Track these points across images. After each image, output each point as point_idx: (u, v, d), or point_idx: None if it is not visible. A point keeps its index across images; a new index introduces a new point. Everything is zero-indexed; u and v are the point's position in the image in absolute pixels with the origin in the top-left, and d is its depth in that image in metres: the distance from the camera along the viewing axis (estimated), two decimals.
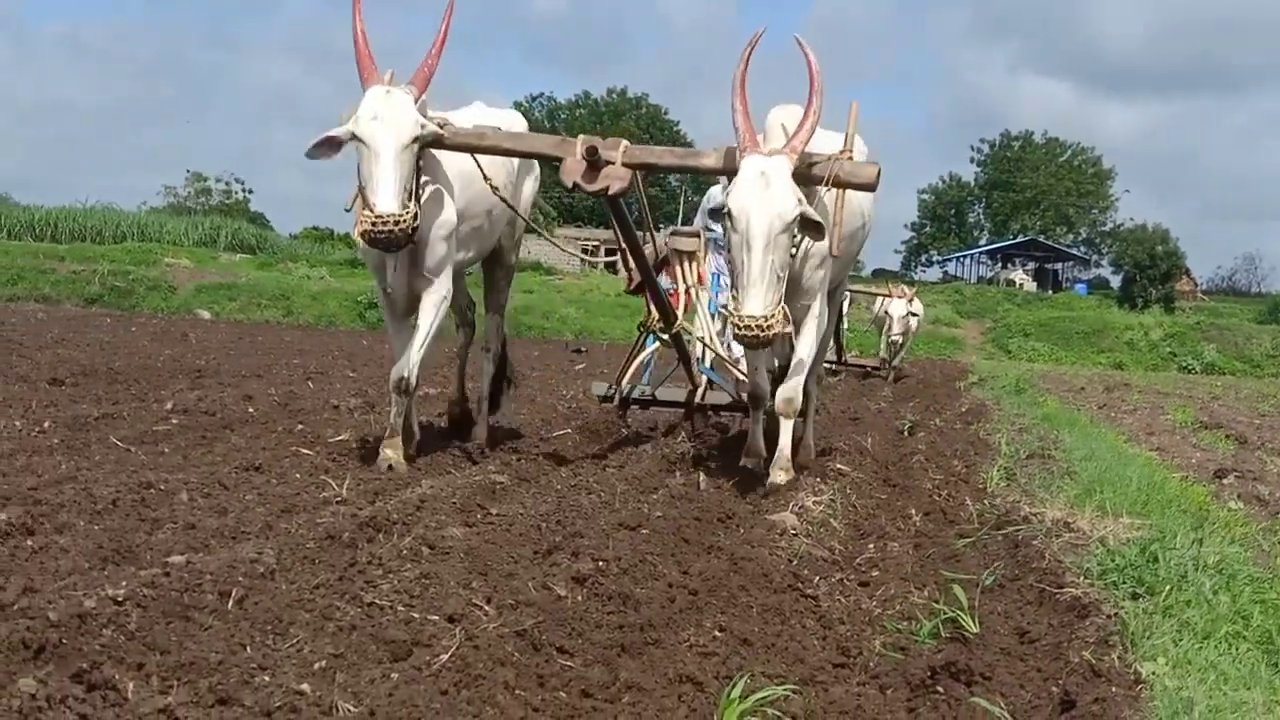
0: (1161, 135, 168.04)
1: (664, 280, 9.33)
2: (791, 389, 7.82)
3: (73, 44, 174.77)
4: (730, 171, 7.25)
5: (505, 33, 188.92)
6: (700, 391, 9.82)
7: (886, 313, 22.52)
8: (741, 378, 9.33)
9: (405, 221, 6.83)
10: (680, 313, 9.15)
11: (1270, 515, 7.85)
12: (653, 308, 9.20)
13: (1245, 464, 10.96)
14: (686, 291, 9.32)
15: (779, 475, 7.63)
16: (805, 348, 7.91)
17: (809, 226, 7.03)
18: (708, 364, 10.03)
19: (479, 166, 7.64)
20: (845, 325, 24.66)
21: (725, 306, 7.08)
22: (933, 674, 3.99)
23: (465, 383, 9.19)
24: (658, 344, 9.97)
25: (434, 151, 7.38)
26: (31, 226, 47.72)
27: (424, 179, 7.26)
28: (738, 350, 9.36)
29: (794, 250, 7.14)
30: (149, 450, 7.33)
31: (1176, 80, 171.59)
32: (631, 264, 8.79)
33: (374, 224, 6.77)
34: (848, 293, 22.74)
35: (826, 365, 21.57)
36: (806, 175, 7.21)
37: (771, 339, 6.95)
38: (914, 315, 22.72)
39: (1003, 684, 3.96)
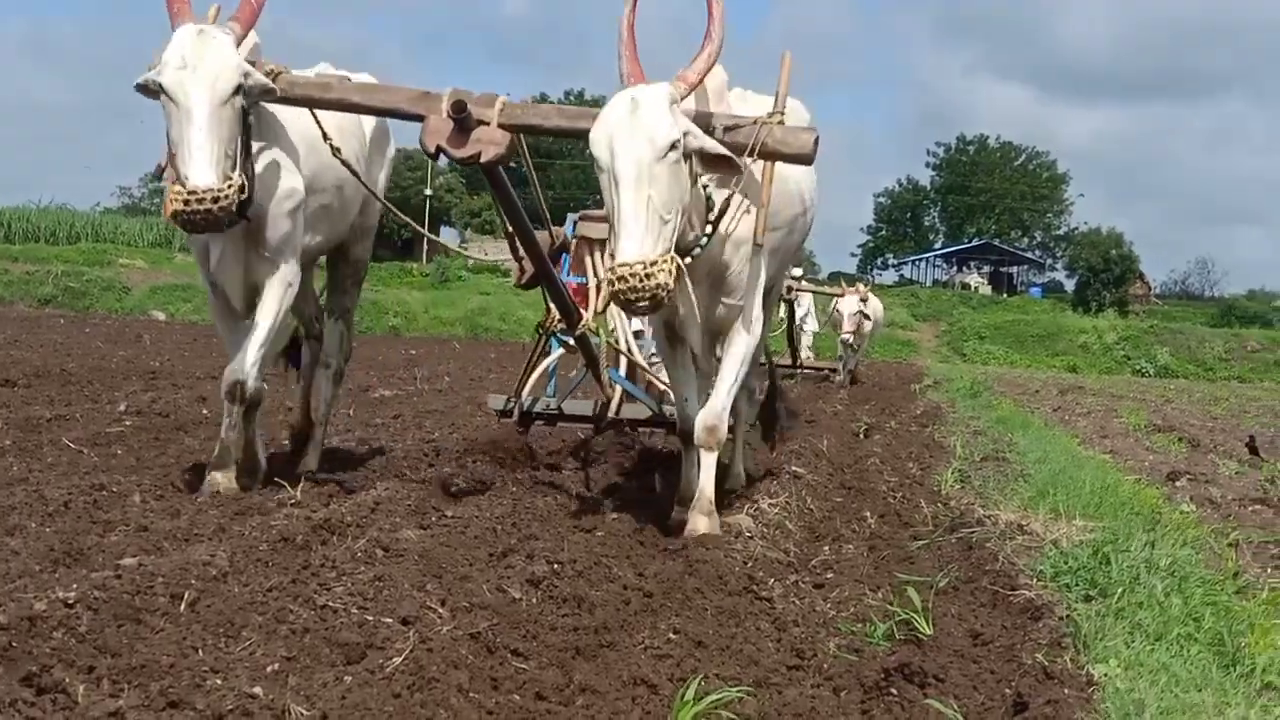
0: (1116, 141, 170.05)
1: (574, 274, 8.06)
2: (714, 415, 6.12)
3: (36, 42, 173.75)
4: None
5: (470, 33, 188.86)
6: (614, 404, 8.15)
7: (837, 311, 21.81)
8: (661, 385, 7.97)
9: (227, 197, 5.49)
10: (591, 312, 7.44)
11: (1222, 518, 7.92)
12: (551, 305, 7.78)
13: (1197, 467, 11.07)
14: (598, 287, 7.28)
15: (699, 521, 6.00)
16: (733, 361, 6.23)
17: (714, 162, 5.59)
18: (621, 371, 8.41)
19: (319, 124, 6.31)
20: (813, 327, 24.64)
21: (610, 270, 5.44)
22: (887, 676, 4.00)
23: (310, 403, 7.51)
24: (562, 349, 8.45)
25: (271, 108, 6.10)
26: None
27: (259, 141, 6.01)
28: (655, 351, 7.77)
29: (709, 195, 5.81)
30: (101, 452, 7.28)
31: (1133, 87, 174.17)
32: (522, 252, 7.12)
33: (187, 202, 5.42)
34: (803, 294, 22.73)
35: (778, 369, 21.61)
36: (726, 142, 5.71)
37: (660, 296, 5.24)
38: (865, 316, 21.80)
39: (956, 686, 3.97)
